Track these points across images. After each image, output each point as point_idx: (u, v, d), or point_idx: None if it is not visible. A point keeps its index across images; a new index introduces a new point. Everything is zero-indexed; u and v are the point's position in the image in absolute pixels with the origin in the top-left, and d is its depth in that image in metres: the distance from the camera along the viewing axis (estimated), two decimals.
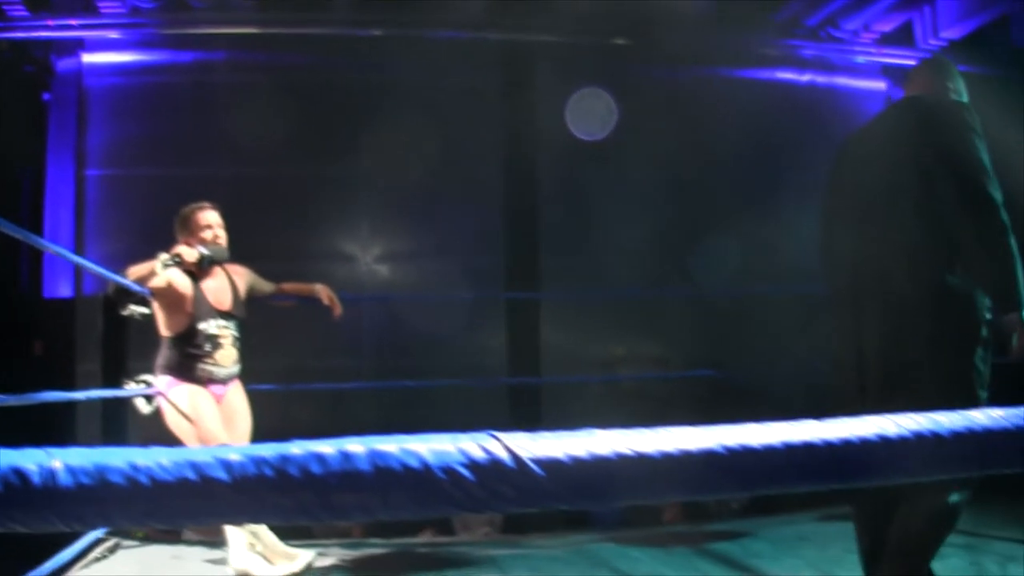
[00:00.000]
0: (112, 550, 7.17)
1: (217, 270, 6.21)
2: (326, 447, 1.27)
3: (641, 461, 1.37)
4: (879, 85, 12.60)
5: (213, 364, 6.03)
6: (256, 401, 6.51)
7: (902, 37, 11.98)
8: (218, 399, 6.07)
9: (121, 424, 8.12)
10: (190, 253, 5.89)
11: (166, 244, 6.02)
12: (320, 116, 10.93)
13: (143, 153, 11.19)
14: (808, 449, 1.45)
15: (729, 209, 11.25)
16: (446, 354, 10.56)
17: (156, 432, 6.33)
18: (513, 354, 10.96)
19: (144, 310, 6.09)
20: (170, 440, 6.03)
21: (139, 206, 10.89)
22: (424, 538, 8.63)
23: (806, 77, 12.27)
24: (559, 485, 1.32)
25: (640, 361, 10.97)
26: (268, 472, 1.23)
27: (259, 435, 6.21)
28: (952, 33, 11.63)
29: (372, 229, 11.34)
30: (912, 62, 11.66)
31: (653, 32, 10.96)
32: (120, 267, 5.95)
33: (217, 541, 6.74)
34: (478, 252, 11.19)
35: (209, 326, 6.02)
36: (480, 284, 11.08)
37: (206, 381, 6.02)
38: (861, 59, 12.19)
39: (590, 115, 10.46)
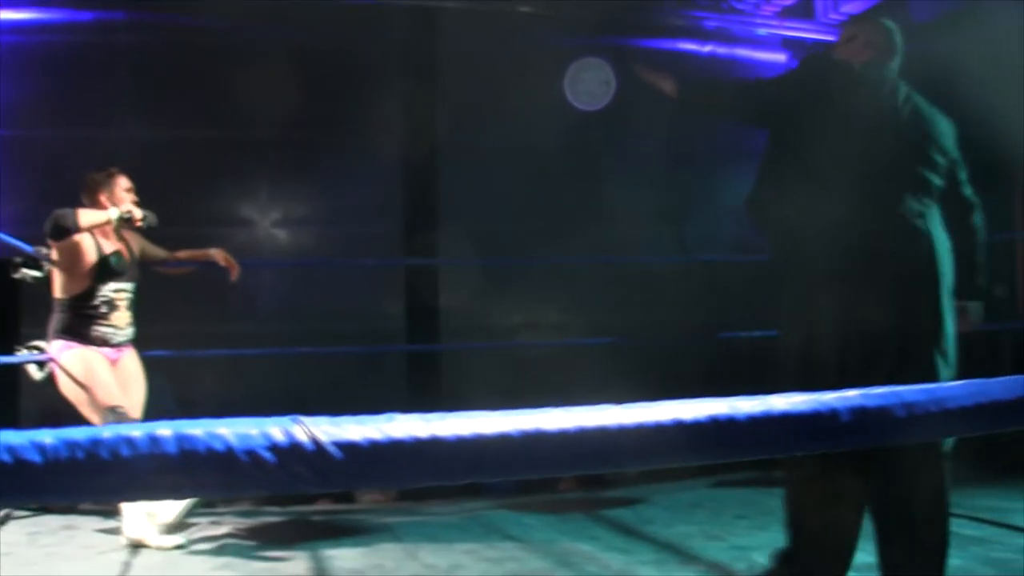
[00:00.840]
0: (3, 521, 7.15)
1: (111, 232, 6.19)
2: (135, 431, 1.30)
3: (435, 444, 1.44)
4: (779, 57, 12.73)
5: (108, 326, 6.02)
6: (154, 367, 6.51)
7: (803, 10, 12.13)
8: (112, 363, 6.06)
9: (14, 391, 8.08)
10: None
11: (68, 204, 6.01)
12: (220, 78, 10.80)
13: (41, 113, 11.02)
14: (606, 433, 1.53)
15: (629, 177, 11.33)
16: (345, 320, 10.56)
17: (49, 399, 6.33)
18: (412, 321, 10.98)
19: (36, 273, 6.06)
20: (65, 406, 6.03)
21: (39, 167, 10.75)
22: (320, 506, 8.67)
23: (707, 48, 12.35)
24: (356, 467, 1.39)
25: (541, 328, 11.05)
26: (80, 455, 1.25)
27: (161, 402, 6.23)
28: (852, 7, 11.80)
29: (271, 193, 11.28)
30: (813, 34, 11.91)
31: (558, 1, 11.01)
32: (19, 228, 5.93)
33: (111, 511, 6.75)
34: (377, 217, 11.18)
35: (107, 288, 6.00)
36: (379, 249, 11.07)
37: (100, 344, 6.01)
38: (762, 31, 12.29)
39: (590, 85, 10.46)
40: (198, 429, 1.34)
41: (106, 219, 5.84)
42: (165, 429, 1.32)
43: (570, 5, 11.23)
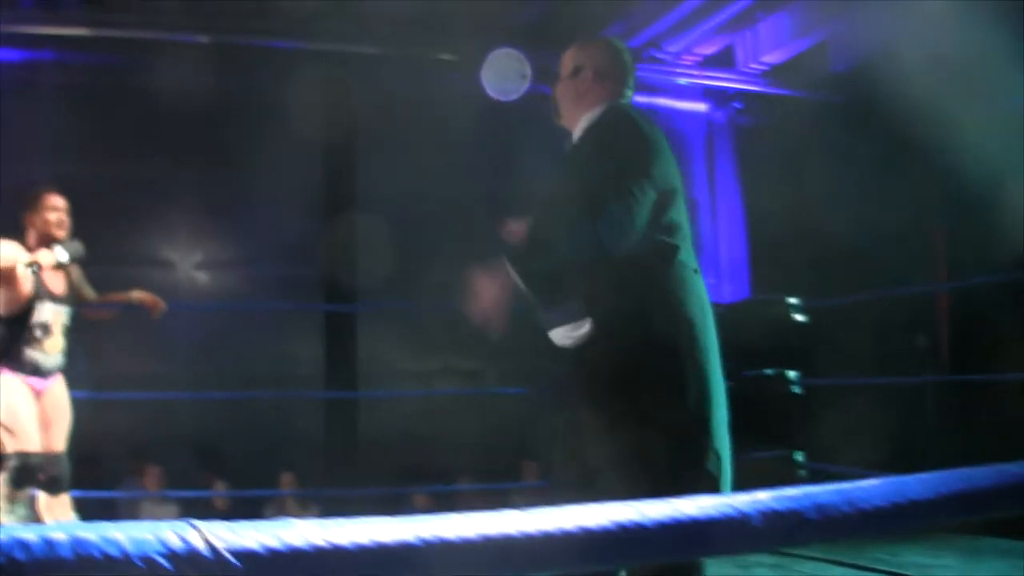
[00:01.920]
0: None
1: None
2: (30, 534, 1.32)
3: (334, 552, 1.46)
4: (700, 107, 12.97)
5: (41, 351, 5.98)
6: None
7: (724, 60, 12.33)
8: (39, 393, 6.01)
9: None
10: (47, 258, 5.91)
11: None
12: (142, 119, 10.89)
13: None
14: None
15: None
16: (263, 364, 10.62)
17: None
18: (330, 366, 11.05)
19: None
20: None
21: None
22: None
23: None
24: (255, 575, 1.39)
25: (456, 375, 11.16)
26: None
27: (73, 442, 6.25)
28: (773, 58, 12.03)
29: (190, 235, 11.36)
30: (734, 84, 12.13)
31: (469, 46, 11.12)
32: None
33: None
34: (296, 260, 11.26)
35: (44, 309, 5.99)
36: (298, 293, 11.17)
37: (30, 370, 5.97)
38: (683, 81, 12.47)
39: (506, 75, 10.51)
40: (92, 534, 1.35)
41: (9, 265, 5.82)
42: (59, 533, 1.34)
43: (483, 51, 11.29)
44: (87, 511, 6.63)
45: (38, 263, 5.80)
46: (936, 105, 8.65)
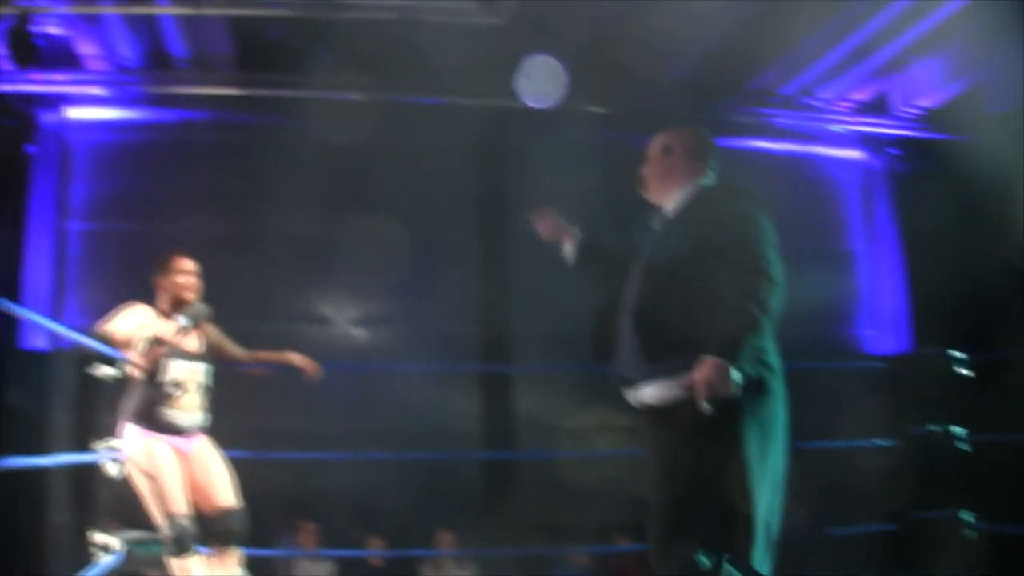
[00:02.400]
0: None
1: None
2: None
3: None
4: (856, 154, 12.69)
5: (177, 409, 5.94)
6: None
7: (878, 106, 12.08)
8: (182, 454, 5.97)
9: (91, 481, 8.16)
10: (170, 330, 5.90)
11: (144, 298, 6.05)
12: (297, 176, 11.00)
13: (124, 208, 11.29)
14: None
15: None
16: (420, 421, 10.52)
17: (124, 488, 6.35)
18: (487, 424, 10.96)
19: (114, 372, 6.09)
20: (135, 497, 6.03)
21: (119, 260, 10.95)
22: None
23: (782, 146, 12.32)
24: None
25: (613, 432, 10.98)
26: None
27: None
28: (928, 102, 11.75)
29: (348, 291, 11.42)
30: (889, 130, 11.85)
31: (626, 100, 11.04)
32: (98, 319, 5.96)
33: None
34: (452, 316, 11.23)
35: (177, 367, 5.96)
36: (454, 349, 11.10)
37: (168, 431, 5.94)
38: (837, 128, 12.23)
39: (543, 82, 10.47)
40: None
41: (132, 339, 5.80)
42: None
43: (638, 104, 11.23)
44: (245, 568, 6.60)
45: (159, 339, 5.79)
46: None
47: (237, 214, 11.11)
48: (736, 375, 3.71)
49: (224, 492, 6.05)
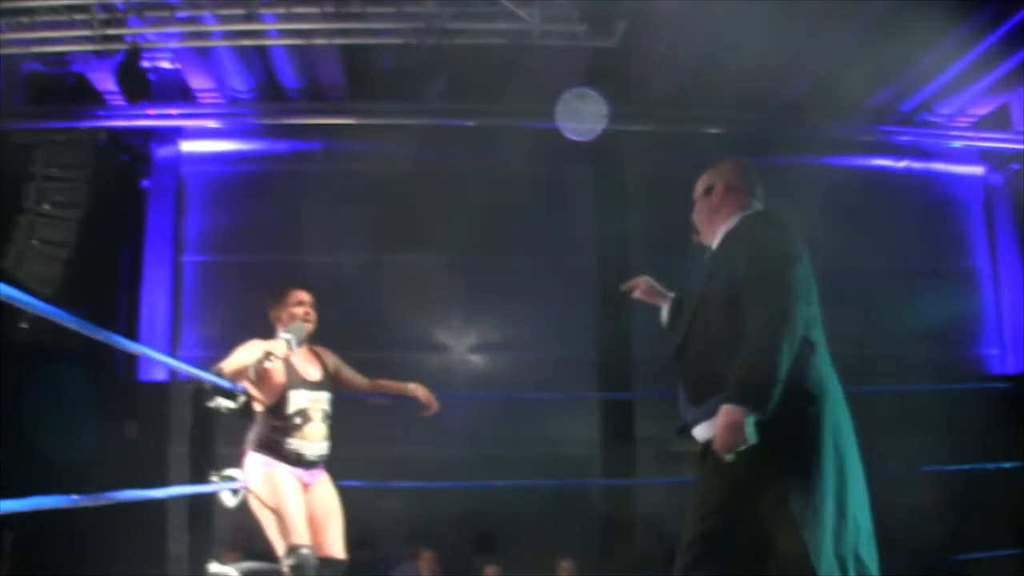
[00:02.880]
0: None
1: (303, 347, 6.15)
2: None
3: None
4: (977, 170, 12.41)
5: (302, 439, 5.90)
6: (344, 494, 6.43)
7: (998, 120, 11.81)
8: (305, 488, 5.94)
9: (208, 511, 8.19)
10: (278, 347, 5.85)
11: (260, 330, 6.01)
12: (413, 204, 11.02)
13: (239, 240, 11.40)
14: None
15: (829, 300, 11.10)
16: (538, 448, 10.42)
17: (241, 519, 6.34)
18: (606, 450, 10.83)
19: (231, 404, 6.04)
20: (256, 527, 6.00)
21: (234, 291, 11.06)
22: None
23: (902, 164, 12.10)
24: None
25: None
26: None
27: (347, 524, 6.13)
28: None
29: (465, 319, 11.40)
30: (1011, 145, 11.58)
31: (741, 121, 10.92)
32: (215, 351, 5.94)
33: None
34: (572, 343, 11.15)
35: (299, 396, 5.92)
36: (573, 377, 11.00)
37: (294, 462, 5.90)
38: (957, 144, 11.97)
39: (583, 116, 10.39)
40: None
41: (243, 369, 5.77)
42: None
43: (754, 124, 11.13)
44: None
45: (271, 355, 5.72)
46: None
47: (352, 242, 11.14)
48: (751, 422, 3.60)
49: (337, 542, 5.98)
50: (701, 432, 3.88)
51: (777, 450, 3.66)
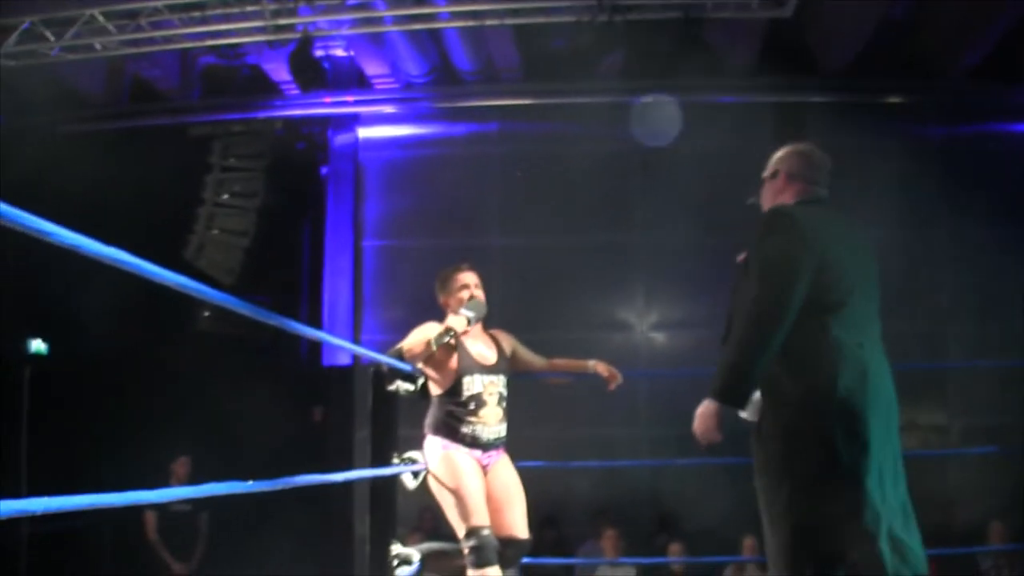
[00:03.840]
0: None
1: (478, 329, 6.13)
2: None
3: None
4: None
5: (477, 422, 5.88)
6: (527, 475, 6.40)
7: None
8: (484, 469, 5.92)
9: (390, 493, 8.27)
10: (458, 323, 5.83)
11: (438, 312, 6.01)
12: (591, 183, 10.94)
13: (417, 224, 11.50)
14: None
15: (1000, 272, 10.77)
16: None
17: (424, 499, 6.35)
18: None
19: (410, 387, 6.06)
20: (437, 509, 6.01)
21: (414, 275, 11.13)
22: None
23: None
24: None
25: (920, 431, 10.56)
26: None
27: (531, 505, 6.09)
28: None
29: (648, 297, 11.32)
30: None
31: (921, 88, 10.63)
32: (396, 334, 5.94)
33: None
34: None
35: (474, 381, 5.89)
36: None
37: (470, 444, 5.89)
38: None
39: (657, 122, 10.22)
40: None
41: (424, 349, 5.75)
42: None
43: (937, 93, 10.82)
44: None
45: (451, 329, 5.69)
46: None
47: (530, 224, 11.14)
48: (746, 410, 3.94)
49: (519, 522, 5.94)
50: (743, 414, 4.08)
51: (787, 431, 3.90)
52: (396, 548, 6.11)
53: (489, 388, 5.91)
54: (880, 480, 3.84)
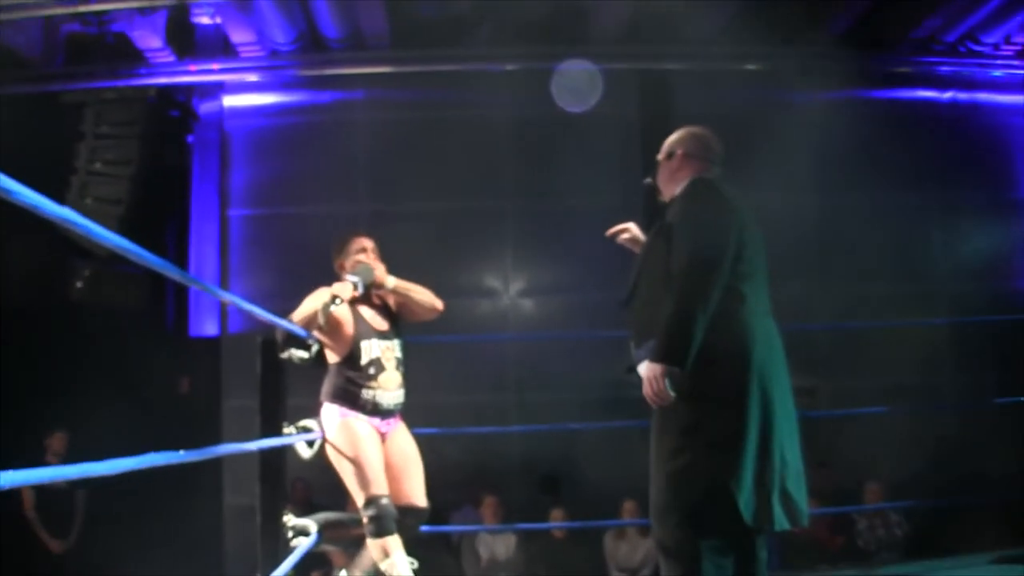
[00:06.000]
0: None
1: (370, 296, 6.11)
2: None
3: None
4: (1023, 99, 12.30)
5: (377, 388, 5.87)
6: None
7: None
8: (383, 436, 5.92)
9: (280, 469, 8.25)
10: (344, 289, 5.82)
11: (307, 281, 6.00)
12: (457, 150, 11.02)
13: (284, 192, 11.46)
14: None
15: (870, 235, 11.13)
16: (595, 392, 10.42)
17: (317, 470, 6.36)
18: None
19: (303, 354, 6.03)
20: (331, 477, 6.00)
21: (281, 244, 11.15)
22: None
23: (947, 95, 12.00)
24: None
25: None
26: None
27: None
28: None
29: (515, 263, 11.42)
30: None
31: (786, 56, 10.87)
32: (263, 304, 5.91)
33: None
34: (619, 284, 11.14)
35: (371, 346, 5.90)
36: (621, 318, 11.02)
37: (371, 412, 5.88)
38: (1000, 73, 11.85)
39: (577, 87, 10.46)
40: None
41: (313, 315, 5.75)
42: None
43: (794, 60, 11.07)
44: (426, 545, 6.57)
45: (337, 296, 5.71)
46: None
47: (397, 191, 11.16)
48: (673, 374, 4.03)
49: (417, 490, 5.96)
50: (642, 372, 4.22)
51: (703, 393, 4.07)
52: (291, 519, 6.07)
53: (387, 353, 5.93)
54: (780, 440, 4.09)
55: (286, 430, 6.12)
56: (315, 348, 5.94)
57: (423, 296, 6.12)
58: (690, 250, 4.11)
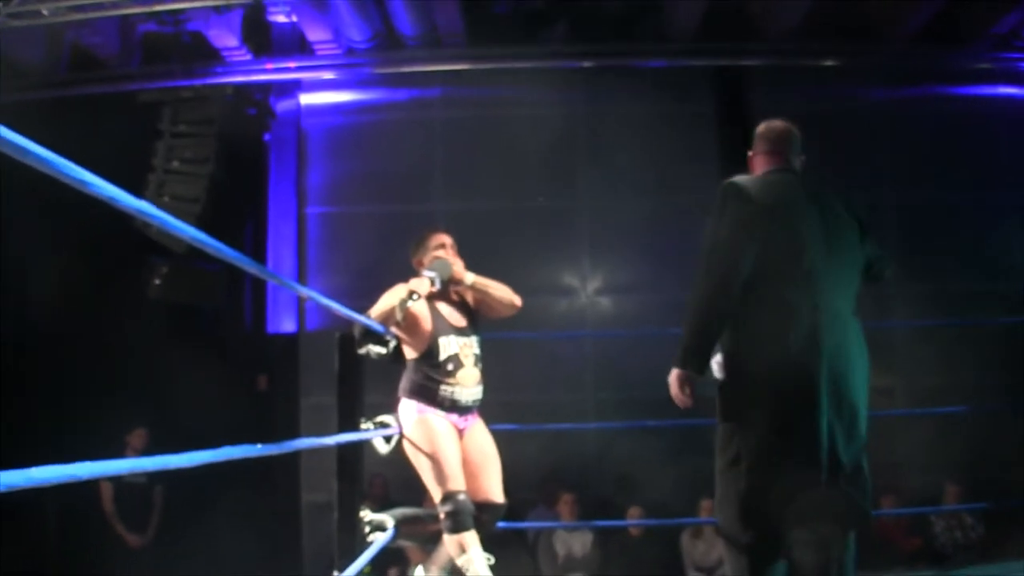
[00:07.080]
0: None
1: (448, 293, 6.09)
2: None
3: None
4: None
5: (455, 384, 5.85)
6: None
7: None
8: (460, 433, 5.91)
9: (356, 460, 8.27)
10: (422, 284, 5.80)
11: (384, 279, 5.98)
12: (536, 148, 10.97)
13: (361, 190, 11.50)
14: None
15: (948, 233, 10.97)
16: (668, 390, 10.33)
17: (395, 466, 6.35)
18: None
19: (381, 350, 6.02)
20: (408, 473, 5.99)
21: (358, 242, 11.18)
22: None
23: None
24: None
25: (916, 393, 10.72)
26: None
27: None
28: None
29: (592, 261, 11.39)
30: None
31: (864, 52, 10.76)
32: (340, 301, 5.91)
33: None
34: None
35: (449, 342, 5.88)
36: None
37: (448, 408, 5.87)
38: None
39: None
40: None
41: (390, 312, 5.72)
42: None
43: (872, 57, 10.98)
44: (502, 542, 6.54)
45: (415, 292, 5.67)
46: None
47: (475, 189, 11.17)
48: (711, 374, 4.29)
49: (494, 486, 5.92)
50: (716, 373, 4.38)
51: (743, 388, 4.24)
52: (368, 515, 6.08)
53: (465, 350, 5.91)
54: (831, 437, 4.12)
55: (363, 426, 6.12)
56: (393, 344, 5.93)
57: (501, 292, 6.06)
58: (704, 263, 4.23)
